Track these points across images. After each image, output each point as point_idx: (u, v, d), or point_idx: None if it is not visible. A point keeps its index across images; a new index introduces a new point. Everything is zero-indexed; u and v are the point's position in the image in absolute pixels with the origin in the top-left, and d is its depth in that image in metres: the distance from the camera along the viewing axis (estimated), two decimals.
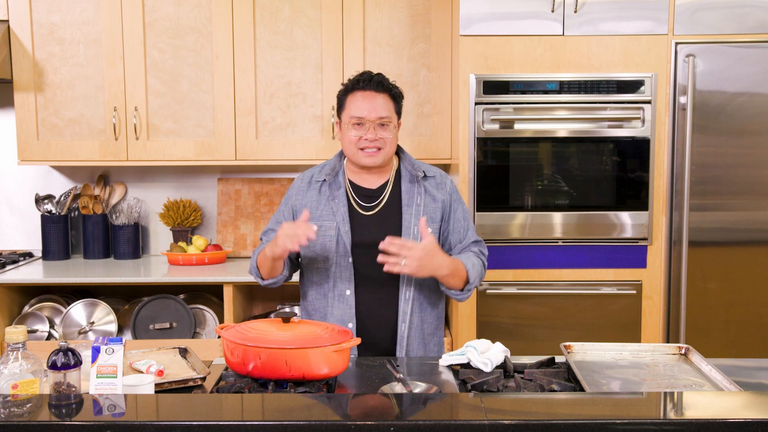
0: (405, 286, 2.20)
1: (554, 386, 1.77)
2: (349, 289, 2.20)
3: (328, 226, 2.21)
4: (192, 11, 3.32)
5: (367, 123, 2.16)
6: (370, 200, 2.24)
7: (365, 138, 2.16)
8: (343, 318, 2.20)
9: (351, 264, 2.20)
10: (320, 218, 2.22)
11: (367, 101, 2.17)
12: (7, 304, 3.19)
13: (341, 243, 2.20)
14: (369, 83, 2.18)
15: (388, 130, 2.18)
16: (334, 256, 2.20)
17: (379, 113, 2.16)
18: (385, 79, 2.21)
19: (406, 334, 2.21)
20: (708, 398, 1.66)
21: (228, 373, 1.87)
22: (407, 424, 1.42)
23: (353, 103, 2.19)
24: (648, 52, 3.01)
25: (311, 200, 2.25)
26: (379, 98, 2.18)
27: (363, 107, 2.16)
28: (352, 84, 2.21)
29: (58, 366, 1.61)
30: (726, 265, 3.09)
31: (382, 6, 3.32)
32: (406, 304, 2.20)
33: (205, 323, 3.28)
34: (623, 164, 3.07)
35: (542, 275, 3.09)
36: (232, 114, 3.35)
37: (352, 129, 2.18)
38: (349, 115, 2.19)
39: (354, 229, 2.21)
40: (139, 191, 3.71)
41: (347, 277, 2.20)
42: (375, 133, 2.16)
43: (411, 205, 2.22)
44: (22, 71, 3.32)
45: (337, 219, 2.21)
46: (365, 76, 2.20)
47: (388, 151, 2.20)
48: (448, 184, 2.30)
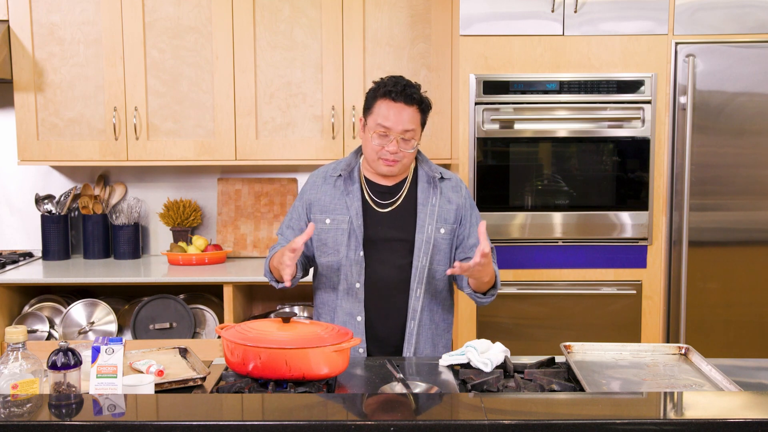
0: (416, 284, 2.21)
1: (554, 386, 1.77)
2: (359, 282, 2.21)
3: (341, 220, 2.22)
4: (192, 11, 3.32)
5: (391, 135, 2.15)
6: (385, 197, 2.26)
7: (387, 149, 2.16)
8: (352, 311, 2.22)
9: (362, 258, 2.20)
10: (334, 211, 2.23)
11: (395, 112, 2.14)
12: (7, 304, 3.19)
13: (353, 237, 2.21)
14: (400, 95, 2.14)
15: (410, 145, 2.17)
16: (345, 249, 2.21)
17: (405, 126, 2.15)
18: (416, 92, 2.17)
19: (415, 331, 2.22)
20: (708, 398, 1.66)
21: (228, 373, 1.87)
22: (407, 424, 1.42)
23: (381, 110, 2.16)
24: (648, 52, 3.01)
25: (326, 194, 2.26)
26: (408, 111, 2.15)
27: (390, 118, 2.14)
28: (384, 91, 2.16)
29: (58, 366, 1.61)
30: (726, 265, 3.09)
31: (382, 6, 3.32)
32: (417, 301, 2.22)
33: (205, 323, 3.28)
34: (623, 164, 3.07)
35: (542, 275, 3.09)
36: (232, 114, 3.35)
37: (376, 137, 2.16)
38: (375, 122, 2.16)
39: (367, 224, 2.22)
40: (139, 191, 3.71)
41: (357, 271, 2.21)
42: (397, 146, 2.15)
43: (426, 204, 2.24)
44: (22, 71, 3.32)
45: (351, 213, 2.21)
46: (398, 86, 2.15)
47: (406, 164, 2.21)
48: (463, 189, 2.31)
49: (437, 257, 2.24)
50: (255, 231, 3.63)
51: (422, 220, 2.22)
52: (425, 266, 2.21)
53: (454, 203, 2.26)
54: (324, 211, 2.24)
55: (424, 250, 2.21)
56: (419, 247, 2.21)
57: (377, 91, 2.18)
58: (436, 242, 2.23)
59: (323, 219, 2.24)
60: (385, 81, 2.19)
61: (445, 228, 2.24)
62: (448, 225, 2.25)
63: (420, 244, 2.21)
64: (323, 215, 2.24)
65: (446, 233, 2.25)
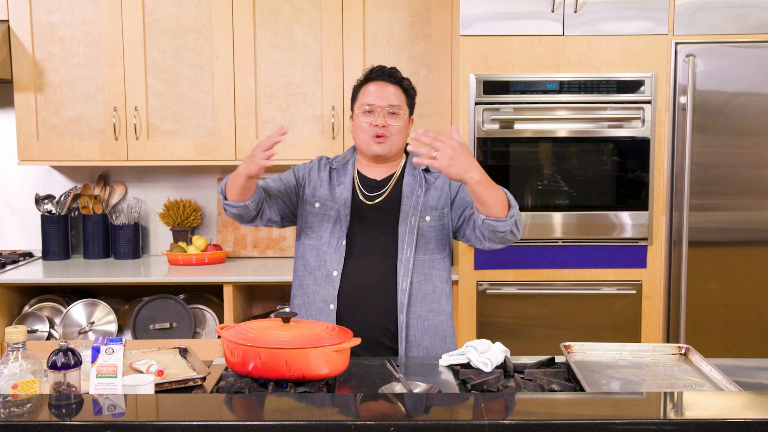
0: (402, 276, 2.20)
1: (554, 386, 1.77)
2: (337, 270, 2.22)
3: (330, 207, 2.27)
4: (192, 11, 3.33)
5: (377, 109, 2.22)
6: (373, 190, 2.29)
7: (374, 124, 2.22)
8: (326, 299, 2.22)
9: (344, 247, 2.23)
10: (323, 198, 2.29)
11: (379, 89, 2.24)
12: (7, 304, 3.19)
13: (338, 225, 2.25)
14: (381, 74, 2.26)
15: (397, 119, 2.23)
16: (328, 236, 2.25)
17: (389, 101, 2.23)
18: (397, 72, 2.29)
19: (405, 324, 2.20)
20: (708, 398, 1.66)
21: (228, 373, 1.87)
22: (407, 424, 1.42)
23: (365, 92, 2.26)
24: (648, 52, 3.01)
25: (317, 179, 2.32)
26: (390, 88, 2.25)
27: (374, 95, 2.24)
28: (366, 77, 2.29)
29: (58, 366, 1.61)
30: (726, 265, 3.09)
31: (382, 6, 3.32)
32: (403, 294, 2.19)
33: (205, 323, 3.28)
34: (623, 164, 3.06)
35: (542, 275, 3.09)
36: (232, 114, 3.35)
37: (363, 116, 2.24)
38: (361, 103, 2.26)
39: (353, 215, 2.26)
40: (139, 191, 3.71)
41: (337, 260, 2.23)
42: (384, 120, 2.22)
43: (411, 196, 2.26)
44: (22, 71, 3.32)
45: (339, 203, 2.26)
46: (378, 68, 2.28)
47: (395, 141, 2.25)
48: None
49: (428, 246, 2.23)
50: (255, 231, 3.63)
51: (405, 212, 2.24)
52: (410, 258, 2.20)
53: (440, 189, 2.28)
54: (314, 195, 2.30)
55: (408, 241, 2.21)
56: (403, 239, 2.21)
57: (361, 81, 2.31)
58: (422, 231, 2.22)
59: (314, 202, 2.29)
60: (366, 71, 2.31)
61: (431, 215, 2.24)
62: (435, 211, 2.25)
63: (404, 235, 2.22)
64: (314, 199, 2.29)
65: (433, 220, 2.24)
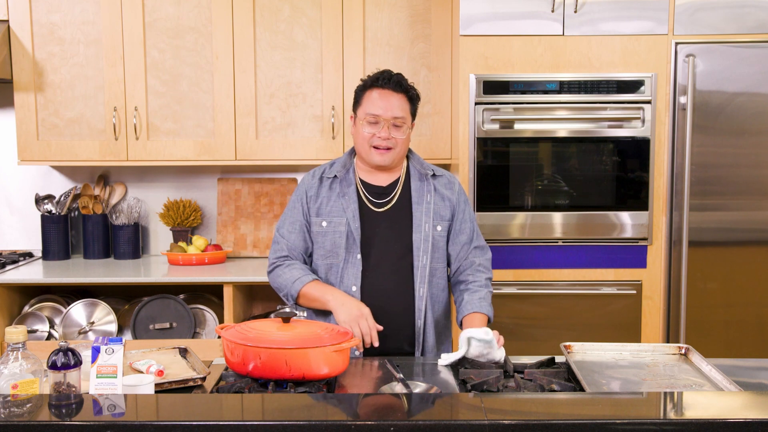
0: (419, 283, 2.21)
1: (554, 386, 1.77)
2: (355, 285, 2.20)
3: (338, 222, 2.22)
4: (192, 11, 3.32)
5: (381, 121, 2.18)
6: (380, 197, 2.26)
7: (378, 136, 2.18)
8: None
9: (359, 260, 2.20)
10: (330, 214, 2.23)
11: (384, 100, 2.18)
12: (7, 304, 3.19)
13: (351, 239, 2.21)
14: (388, 82, 2.20)
15: (401, 131, 2.20)
16: (343, 252, 2.21)
17: (394, 113, 2.18)
18: (403, 80, 2.23)
19: (422, 330, 2.23)
20: (708, 398, 1.66)
21: (228, 373, 1.87)
22: (407, 424, 1.42)
23: (370, 100, 2.20)
24: (648, 52, 3.01)
25: (322, 196, 2.25)
26: (396, 98, 2.19)
27: (379, 105, 2.18)
28: (371, 81, 2.22)
29: (58, 366, 1.61)
30: (726, 265, 3.09)
31: (382, 6, 3.32)
32: (421, 301, 2.22)
33: (205, 323, 3.28)
34: (623, 164, 3.06)
35: (542, 275, 3.09)
36: (232, 114, 3.35)
37: (367, 126, 2.20)
38: (364, 111, 2.20)
39: (364, 225, 2.22)
40: (139, 191, 3.71)
41: (354, 274, 2.20)
42: (388, 132, 2.18)
43: (421, 203, 2.24)
44: (22, 71, 3.32)
45: (348, 215, 2.22)
46: (385, 74, 2.21)
47: (399, 152, 2.22)
48: (456, 184, 2.32)
49: (436, 255, 2.25)
50: (255, 231, 3.63)
51: (418, 219, 2.22)
52: (426, 265, 2.21)
53: (447, 200, 2.27)
54: (320, 214, 2.24)
55: (423, 248, 2.21)
56: (418, 247, 2.21)
57: (365, 84, 2.24)
58: (434, 240, 2.23)
59: (320, 222, 2.24)
60: (372, 75, 2.24)
61: (441, 225, 2.25)
62: (444, 222, 2.26)
63: (419, 243, 2.21)
64: (319, 218, 2.24)
65: (443, 230, 2.25)
